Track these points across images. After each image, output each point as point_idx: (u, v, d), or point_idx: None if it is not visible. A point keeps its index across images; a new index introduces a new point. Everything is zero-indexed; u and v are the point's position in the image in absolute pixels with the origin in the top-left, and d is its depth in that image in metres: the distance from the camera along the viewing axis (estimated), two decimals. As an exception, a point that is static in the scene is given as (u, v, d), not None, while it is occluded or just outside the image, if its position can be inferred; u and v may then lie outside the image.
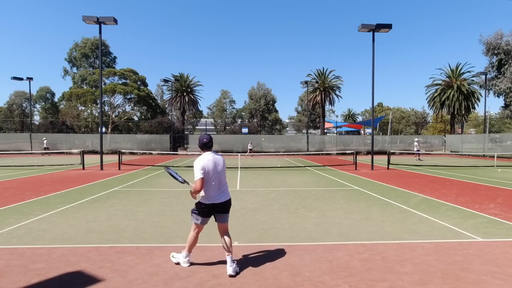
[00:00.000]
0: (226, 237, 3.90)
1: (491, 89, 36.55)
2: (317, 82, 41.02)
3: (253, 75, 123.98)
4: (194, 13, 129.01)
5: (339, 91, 42.85)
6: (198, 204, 3.89)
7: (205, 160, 3.76)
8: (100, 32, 16.07)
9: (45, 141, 29.93)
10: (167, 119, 43.40)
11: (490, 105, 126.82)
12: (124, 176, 13.70)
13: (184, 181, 3.91)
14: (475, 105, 36.46)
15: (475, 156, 28.79)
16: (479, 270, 3.84)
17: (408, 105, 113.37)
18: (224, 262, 3.84)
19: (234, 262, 3.80)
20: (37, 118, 53.74)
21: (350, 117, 70.24)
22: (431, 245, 4.75)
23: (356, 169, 16.37)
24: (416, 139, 26.71)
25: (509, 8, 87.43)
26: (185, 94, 43.27)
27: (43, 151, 28.97)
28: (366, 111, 72.86)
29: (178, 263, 3.98)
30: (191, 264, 4.00)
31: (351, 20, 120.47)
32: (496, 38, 34.94)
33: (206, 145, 3.87)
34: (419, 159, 24.49)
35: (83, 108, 47.09)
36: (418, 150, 24.68)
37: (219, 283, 3.50)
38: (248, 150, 30.49)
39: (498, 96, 37.08)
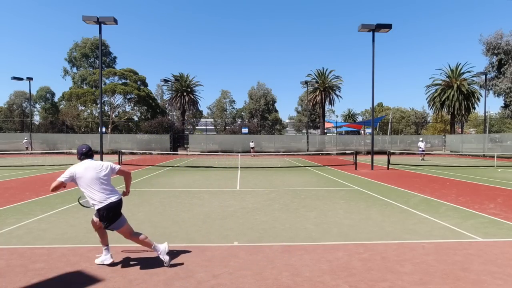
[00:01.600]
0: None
1: (491, 89, 36.54)
2: (317, 82, 41.03)
3: (253, 75, 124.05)
4: (194, 13, 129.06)
5: (339, 91, 42.93)
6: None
7: (77, 166, 3.92)
8: (100, 32, 16.08)
9: (25, 141, 30.20)
10: (167, 119, 43.37)
11: (490, 105, 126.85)
12: (124, 176, 13.68)
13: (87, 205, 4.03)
14: (475, 105, 36.52)
15: (475, 156, 28.79)
16: (479, 270, 3.84)
17: (408, 105, 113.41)
18: (225, 262, 3.85)
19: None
20: (37, 118, 53.80)
21: (350, 117, 70.23)
22: (431, 245, 4.75)
23: (356, 169, 16.37)
24: (421, 139, 26.68)
25: (509, 8, 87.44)
26: (185, 94, 43.28)
27: (27, 151, 29.15)
28: (366, 111, 72.85)
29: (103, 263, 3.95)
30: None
31: (351, 20, 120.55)
32: (496, 38, 34.93)
33: (85, 154, 4.01)
34: (423, 159, 24.50)
35: (83, 108, 47.12)
36: (423, 150, 24.65)
37: (219, 283, 3.50)
38: (251, 149, 30.07)
39: (498, 96, 37.07)
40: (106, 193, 3.80)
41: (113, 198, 3.84)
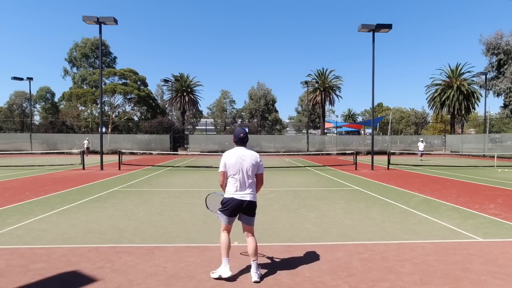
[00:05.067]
0: (249, 241, 3.73)
1: (491, 89, 36.55)
2: (317, 82, 41.01)
3: (253, 75, 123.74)
4: (194, 13, 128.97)
5: (339, 91, 42.89)
6: (222, 201, 3.74)
7: (229, 154, 3.76)
8: (100, 32, 16.08)
9: None
10: (167, 119, 43.38)
11: (490, 105, 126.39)
12: (124, 176, 13.70)
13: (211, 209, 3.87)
14: (475, 105, 36.55)
15: (475, 156, 28.78)
16: (479, 270, 3.84)
17: (408, 105, 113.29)
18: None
19: (258, 268, 3.63)
20: (37, 118, 53.70)
21: (350, 117, 70.23)
22: (431, 245, 4.75)
23: (356, 169, 16.36)
24: (421, 139, 26.66)
25: (509, 8, 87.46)
26: (185, 94, 43.27)
27: None
28: (366, 111, 72.81)
29: (220, 277, 3.56)
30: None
31: (351, 20, 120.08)
32: (496, 38, 34.96)
33: (241, 140, 3.80)
34: (421, 159, 24.46)
35: (83, 108, 47.08)
36: (422, 150, 24.61)
37: (219, 283, 3.50)
38: None
39: (498, 96, 37.12)
40: None
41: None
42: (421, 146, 24.48)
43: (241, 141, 3.79)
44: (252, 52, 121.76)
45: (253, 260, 3.61)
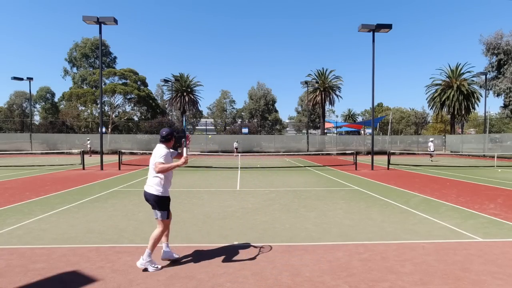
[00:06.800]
0: None
1: (491, 89, 36.57)
2: (317, 82, 41.01)
3: (253, 75, 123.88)
4: (194, 13, 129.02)
5: (339, 91, 42.88)
6: None
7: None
8: (100, 32, 16.08)
9: None
10: (167, 119, 43.40)
11: (490, 105, 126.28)
12: (124, 176, 13.69)
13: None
14: (475, 105, 36.53)
15: (475, 156, 28.78)
16: (479, 270, 3.84)
17: (408, 105, 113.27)
18: (225, 262, 3.86)
19: (147, 257, 3.82)
20: (37, 118, 53.72)
21: (350, 117, 70.25)
22: (431, 245, 4.75)
23: (356, 169, 16.36)
24: (432, 139, 26.58)
25: (509, 8, 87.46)
26: (185, 94, 43.31)
27: None
28: (366, 111, 72.84)
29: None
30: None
31: (351, 20, 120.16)
32: (496, 38, 34.98)
33: (164, 138, 4.20)
34: (431, 160, 24.36)
35: (83, 108, 47.09)
36: (433, 150, 24.49)
37: (219, 283, 3.50)
38: (235, 150, 30.33)
39: (498, 96, 37.13)
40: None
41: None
42: (431, 146, 24.39)
43: (164, 139, 4.21)
44: (252, 52, 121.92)
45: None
